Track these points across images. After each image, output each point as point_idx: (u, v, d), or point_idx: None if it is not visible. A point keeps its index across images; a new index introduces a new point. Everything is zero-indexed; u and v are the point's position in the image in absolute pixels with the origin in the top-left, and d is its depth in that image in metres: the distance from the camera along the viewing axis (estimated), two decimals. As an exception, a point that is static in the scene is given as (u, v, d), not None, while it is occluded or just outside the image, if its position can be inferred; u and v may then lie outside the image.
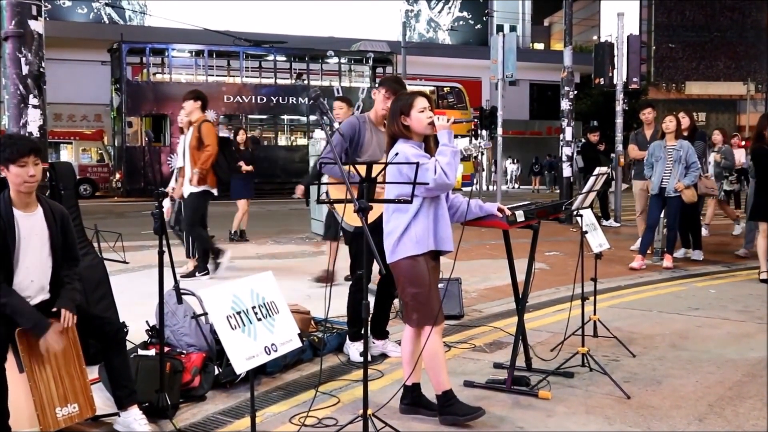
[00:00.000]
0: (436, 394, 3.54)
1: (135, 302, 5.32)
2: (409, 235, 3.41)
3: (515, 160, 35.38)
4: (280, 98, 24.19)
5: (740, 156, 11.68)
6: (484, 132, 24.62)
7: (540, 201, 4.39)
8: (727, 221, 12.34)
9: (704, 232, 9.97)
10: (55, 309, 3.25)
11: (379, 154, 4.51)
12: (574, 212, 4.62)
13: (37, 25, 4.39)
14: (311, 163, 11.89)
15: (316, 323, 5.00)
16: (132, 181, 22.12)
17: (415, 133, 3.50)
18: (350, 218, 4.36)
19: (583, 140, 14.73)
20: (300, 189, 6.86)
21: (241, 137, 11.03)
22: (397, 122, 3.49)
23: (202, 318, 4.12)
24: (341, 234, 4.79)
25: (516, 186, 34.98)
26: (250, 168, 10.60)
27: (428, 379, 3.56)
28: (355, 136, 4.54)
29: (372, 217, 4.06)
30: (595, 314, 4.89)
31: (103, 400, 3.63)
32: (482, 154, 11.56)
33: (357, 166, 3.16)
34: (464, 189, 20.98)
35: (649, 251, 8.34)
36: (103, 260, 4.65)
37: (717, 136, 11.15)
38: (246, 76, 24.38)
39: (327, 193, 4.67)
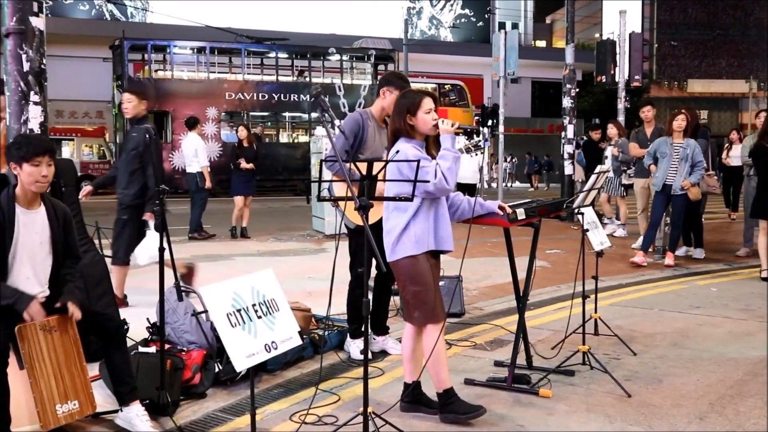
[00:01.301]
0: (437, 392, 3.54)
1: (135, 299, 5.33)
2: (409, 234, 3.41)
3: (507, 158, 34.45)
4: (282, 95, 24.14)
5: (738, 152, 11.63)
6: (485, 129, 24.60)
7: (541, 199, 4.38)
8: (727, 219, 12.31)
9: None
10: (59, 304, 3.26)
11: (382, 150, 4.49)
12: (575, 210, 4.62)
13: (38, 22, 4.38)
14: (312, 161, 11.91)
15: (317, 321, 5.00)
16: (133, 178, 22.08)
17: (418, 133, 3.49)
18: (352, 216, 4.36)
19: (585, 138, 14.71)
20: None
21: (242, 133, 11.00)
22: (402, 120, 3.48)
23: (203, 315, 4.12)
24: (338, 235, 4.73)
25: (510, 184, 33.98)
26: (249, 166, 10.56)
27: (429, 376, 3.56)
28: (359, 133, 4.50)
29: (375, 218, 4.07)
30: (596, 312, 4.89)
31: (103, 398, 3.64)
32: (482, 152, 11.55)
33: (358, 164, 3.16)
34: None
35: (650, 249, 8.33)
36: (104, 257, 4.66)
37: (612, 130, 10.90)
38: (248, 73, 24.33)
39: (329, 190, 4.65)
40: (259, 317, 2.89)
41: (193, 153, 10.43)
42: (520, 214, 3.81)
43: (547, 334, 5.15)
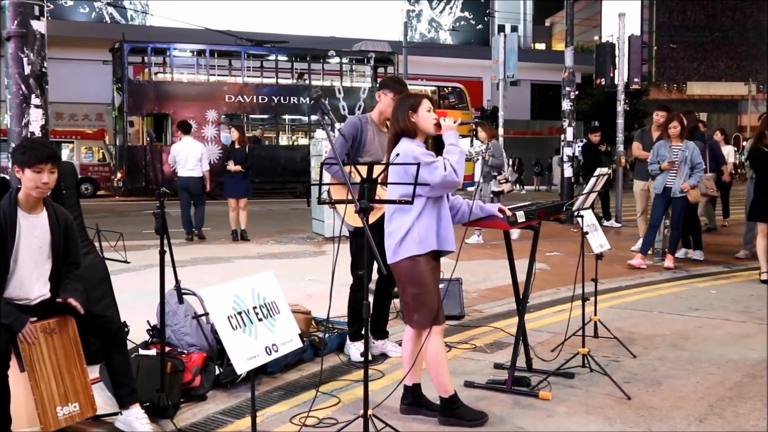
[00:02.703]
0: (442, 397, 3.54)
1: (136, 302, 5.33)
2: (412, 235, 3.41)
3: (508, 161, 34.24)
4: (282, 98, 24.15)
5: (727, 153, 11.63)
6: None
7: (541, 201, 4.40)
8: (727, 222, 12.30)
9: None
10: (60, 300, 3.27)
11: (381, 154, 4.50)
12: (575, 213, 4.63)
13: (39, 25, 4.39)
14: (312, 163, 11.92)
15: (317, 323, 5.01)
16: (133, 180, 22.09)
17: (420, 132, 3.51)
18: (351, 218, 4.36)
19: (584, 140, 14.73)
20: None
21: (234, 134, 11.00)
22: (406, 119, 3.50)
23: (203, 318, 4.13)
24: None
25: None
26: (236, 168, 10.54)
27: (430, 379, 3.57)
28: (357, 136, 4.53)
29: (372, 219, 4.08)
30: (595, 315, 4.89)
31: (104, 400, 3.64)
32: (483, 158, 11.33)
33: (358, 167, 3.17)
34: (468, 189, 21.01)
35: (650, 251, 8.34)
36: (104, 260, 4.66)
37: (481, 133, 10.37)
38: (247, 76, 24.33)
39: (329, 192, 4.66)
40: (260, 319, 2.89)
41: (200, 156, 10.57)
42: (520, 216, 3.82)
43: (547, 336, 5.15)
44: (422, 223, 3.42)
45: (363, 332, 3.14)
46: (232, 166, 10.51)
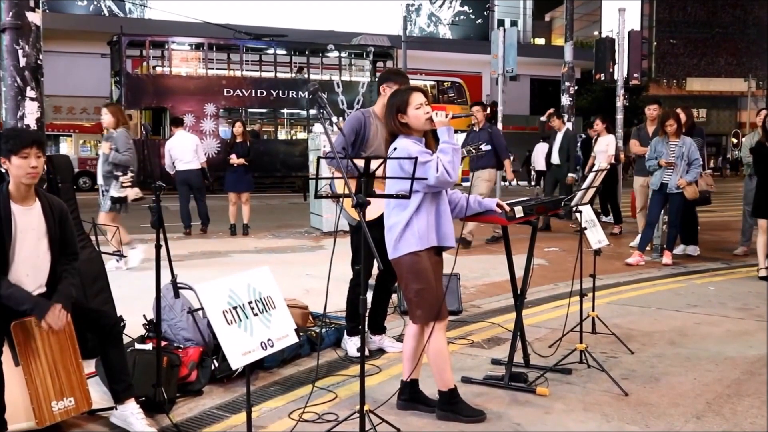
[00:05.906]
0: (441, 390, 3.53)
1: (132, 296, 5.32)
2: (412, 230, 3.39)
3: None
4: (280, 92, 24.11)
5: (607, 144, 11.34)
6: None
7: (540, 197, 4.37)
8: (725, 219, 12.30)
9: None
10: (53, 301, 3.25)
11: (385, 148, 4.49)
12: (574, 208, 4.61)
13: (34, 17, 4.37)
14: (311, 158, 11.90)
15: (314, 318, 4.99)
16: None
17: (414, 130, 3.48)
18: (352, 212, 4.35)
19: (584, 136, 14.71)
20: None
21: (237, 129, 10.98)
22: (394, 120, 3.47)
23: (199, 312, 4.11)
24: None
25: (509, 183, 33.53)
26: (240, 161, 10.52)
27: (431, 374, 3.55)
28: (360, 131, 4.50)
29: (375, 214, 4.06)
30: (593, 311, 4.88)
31: (99, 395, 3.63)
32: (482, 153, 11.08)
33: (356, 161, 3.14)
34: (464, 184, 21.00)
35: (648, 248, 8.33)
36: (100, 254, 4.64)
37: (107, 116, 7.60)
38: (246, 70, 24.29)
39: (331, 186, 4.63)
40: (255, 315, 2.87)
41: (194, 148, 10.59)
42: (518, 212, 3.80)
43: (545, 332, 5.14)
44: (421, 218, 3.40)
45: (360, 327, 3.12)
46: (235, 159, 10.50)
